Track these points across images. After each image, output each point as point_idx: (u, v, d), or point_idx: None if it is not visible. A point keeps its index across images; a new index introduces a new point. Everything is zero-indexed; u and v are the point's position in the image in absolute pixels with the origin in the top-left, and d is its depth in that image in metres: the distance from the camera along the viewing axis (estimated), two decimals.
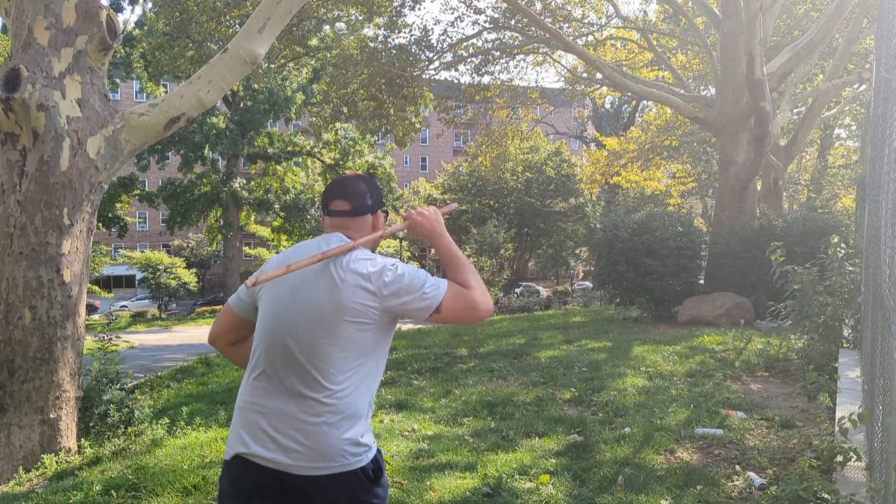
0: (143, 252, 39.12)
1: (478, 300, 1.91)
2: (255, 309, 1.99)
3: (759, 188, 15.28)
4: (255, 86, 32.10)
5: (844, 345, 6.36)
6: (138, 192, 33.89)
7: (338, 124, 23.83)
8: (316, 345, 1.82)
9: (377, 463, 1.86)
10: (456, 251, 2.11)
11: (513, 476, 3.89)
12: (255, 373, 1.91)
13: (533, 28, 15.45)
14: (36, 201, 4.98)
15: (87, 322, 5.58)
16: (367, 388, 1.88)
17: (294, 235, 36.21)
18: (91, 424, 5.40)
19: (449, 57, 16.98)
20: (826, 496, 3.17)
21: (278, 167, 36.03)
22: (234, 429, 1.90)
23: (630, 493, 3.59)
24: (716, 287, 11.52)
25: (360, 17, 17.91)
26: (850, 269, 6.27)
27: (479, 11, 16.56)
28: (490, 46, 17.34)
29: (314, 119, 19.57)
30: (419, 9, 21.60)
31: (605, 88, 20.55)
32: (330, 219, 2.03)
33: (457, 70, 18.01)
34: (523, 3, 14.67)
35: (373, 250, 2.04)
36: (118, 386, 5.70)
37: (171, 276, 36.12)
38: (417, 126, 18.12)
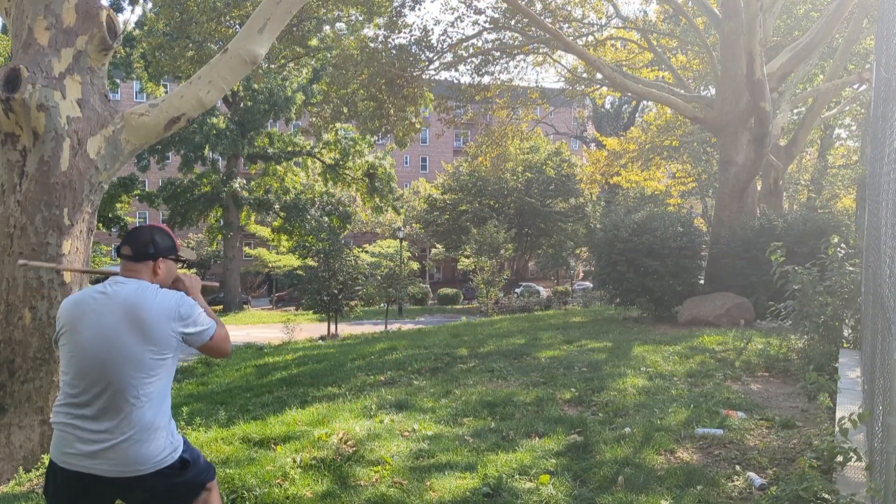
0: None
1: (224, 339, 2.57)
2: None
3: (759, 188, 15.28)
4: (256, 86, 32.11)
5: (844, 345, 6.36)
6: (138, 192, 33.91)
7: (338, 124, 23.85)
8: None
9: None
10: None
11: (513, 476, 3.89)
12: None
13: (533, 28, 15.45)
14: (36, 201, 4.98)
15: None
16: None
17: (294, 235, 36.24)
18: None
19: (449, 57, 16.98)
20: (826, 496, 3.17)
21: (278, 167, 36.04)
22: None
23: (630, 493, 3.59)
24: (716, 287, 11.52)
25: (360, 18, 17.90)
26: (850, 269, 6.26)
27: (479, 12, 16.56)
28: (490, 46, 17.34)
29: (314, 119, 19.57)
30: (419, 9, 21.62)
31: (605, 88, 20.54)
32: (121, 261, 2.51)
33: (457, 70, 18.02)
34: (523, 3, 14.67)
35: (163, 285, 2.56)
36: None
37: None
38: (417, 126, 18.12)
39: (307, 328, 19.45)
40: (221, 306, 37.79)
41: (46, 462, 4.84)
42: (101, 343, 2.30)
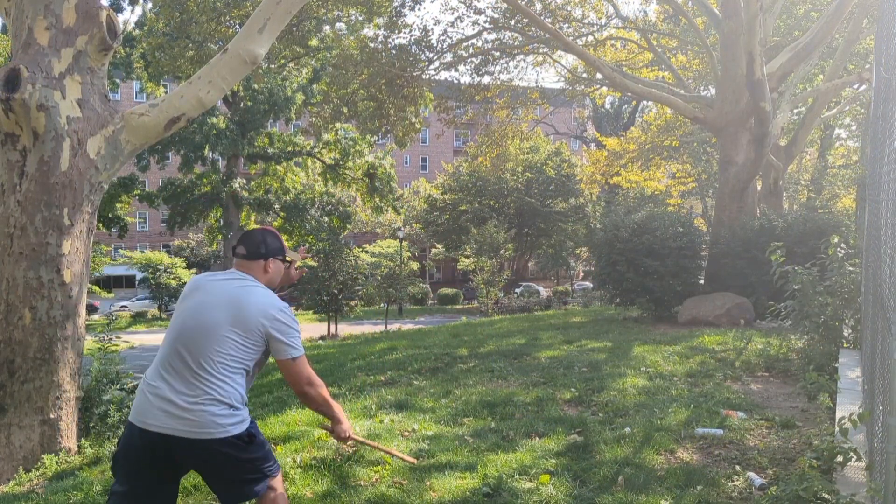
0: (143, 252, 39.15)
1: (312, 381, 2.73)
2: None
3: (759, 188, 15.28)
4: (255, 86, 32.09)
5: (844, 345, 6.36)
6: (138, 192, 33.89)
7: (338, 124, 23.83)
8: None
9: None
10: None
11: (513, 476, 3.89)
12: None
13: (533, 28, 15.44)
14: (36, 201, 4.98)
15: (87, 322, 5.58)
16: None
17: (294, 235, 36.21)
18: (91, 424, 5.41)
19: (449, 57, 16.97)
20: (826, 496, 3.17)
21: (278, 167, 36.02)
22: None
23: (630, 493, 3.59)
24: (716, 287, 11.52)
25: (360, 18, 17.89)
26: (851, 269, 6.26)
27: (479, 12, 16.55)
28: (490, 46, 17.33)
29: (314, 119, 19.56)
30: (419, 9, 21.61)
31: (605, 88, 20.53)
32: (235, 259, 2.82)
33: (457, 70, 18.00)
34: (523, 3, 14.66)
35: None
36: (118, 386, 5.71)
37: (172, 277, 36.13)
38: (417, 126, 18.11)
39: (307, 328, 19.42)
40: None
41: (47, 462, 4.84)
42: (199, 315, 2.62)
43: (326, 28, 19.59)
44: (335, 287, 18.43)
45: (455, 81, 19.24)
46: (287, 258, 2.89)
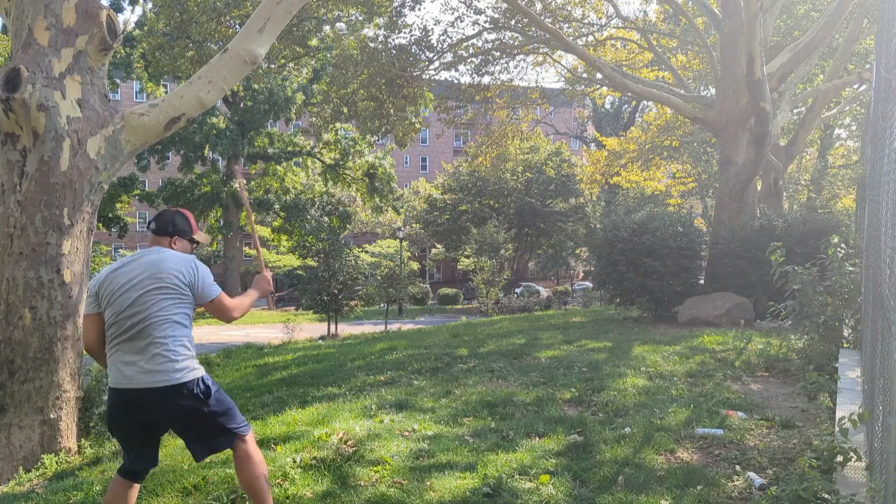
0: None
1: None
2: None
3: (759, 188, 15.28)
4: (255, 86, 32.10)
5: (844, 345, 6.36)
6: (138, 192, 33.89)
7: (338, 124, 23.85)
8: None
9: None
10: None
11: (513, 476, 3.89)
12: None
13: (533, 28, 15.44)
14: (36, 201, 4.99)
15: None
16: None
17: (294, 235, 36.23)
18: (91, 424, 5.41)
19: (449, 57, 16.97)
20: (826, 496, 3.17)
21: (278, 167, 36.03)
22: None
23: (630, 493, 3.59)
24: (716, 287, 11.52)
25: (360, 18, 17.90)
26: (850, 269, 6.26)
27: (479, 12, 16.55)
28: (490, 46, 17.33)
29: (314, 119, 19.56)
30: (419, 9, 21.57)
31: (605, 88, 20.54)
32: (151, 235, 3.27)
33: (457, 70, 18.01)
34: (523, 3, 14.66)
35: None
36: None
37: None
38: (417, 126, 18.11)
39: (307, 328, 19.43)
40: None
41: (47, 462, 4.84)
42: (129, 289, 3.01)
43: (326, 28, 19.58)
44: (335, 287, 18.40)
45: (455, 81, 19.24)
46: (196, 238, 3.32)
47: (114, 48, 5.47)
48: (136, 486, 3.18)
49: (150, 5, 23.46)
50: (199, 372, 3.05)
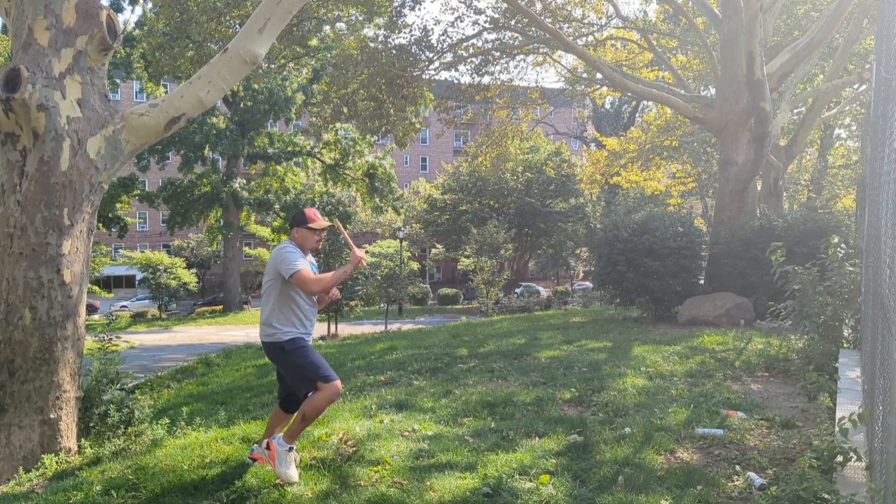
0: (143, 252, 39.13)
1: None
2: None
3: (759, 188, 15.27)
4: (255, 86, 32.10)
5: (844, 345, 6.36)
6: (138, 192, 33.90)
7: (338, 124, 23.83)
8: None
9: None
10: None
11: (513, 476, 3.89)
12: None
13: (533, 28, 15.44)
14: (36, 201, 4.98)
15: (87, 322, 5.58)
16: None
17: None
18: (91, 424, 5.40)
19: (449, 57, 16.97)
20: (826, 496, 3.17)
21: (278, 167, 36.03)
22: None
23: (630, 493, 3.59)
24: (716, 287, 11.51)
25: (360, 17, 17.90)
26: (851, 269, 6.26)
27: (479, 12, 16.55)
28: (490, 46, 17.32)
29: (314, 119, 19.56)
30: (419, 9, 21.57)
31: (605, 88, 20.53)
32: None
33: (457, 70, 18.00)
34: (523, 3, 14.66)
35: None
36: (118, 386, 5.70)
37: (172, 277, 36.12)
38: (417, 126, 18.11)
39: None
40: (222, 306, 37.80)
41: (47, 462, 4.84)
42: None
43: (326, 28, 19.60)
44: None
45: (455, 81, 19.23)
46: (310, 226, 4.06)
47: (114, 48, 5.47)
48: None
49: (150, 5, 23.48)
50: (286, 337, 3.95)
